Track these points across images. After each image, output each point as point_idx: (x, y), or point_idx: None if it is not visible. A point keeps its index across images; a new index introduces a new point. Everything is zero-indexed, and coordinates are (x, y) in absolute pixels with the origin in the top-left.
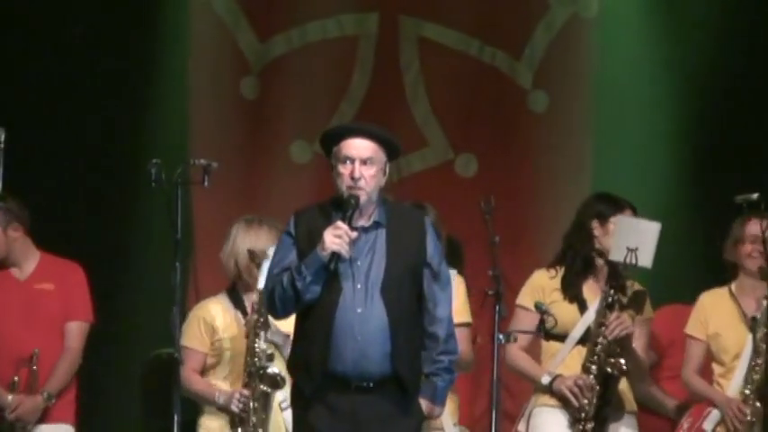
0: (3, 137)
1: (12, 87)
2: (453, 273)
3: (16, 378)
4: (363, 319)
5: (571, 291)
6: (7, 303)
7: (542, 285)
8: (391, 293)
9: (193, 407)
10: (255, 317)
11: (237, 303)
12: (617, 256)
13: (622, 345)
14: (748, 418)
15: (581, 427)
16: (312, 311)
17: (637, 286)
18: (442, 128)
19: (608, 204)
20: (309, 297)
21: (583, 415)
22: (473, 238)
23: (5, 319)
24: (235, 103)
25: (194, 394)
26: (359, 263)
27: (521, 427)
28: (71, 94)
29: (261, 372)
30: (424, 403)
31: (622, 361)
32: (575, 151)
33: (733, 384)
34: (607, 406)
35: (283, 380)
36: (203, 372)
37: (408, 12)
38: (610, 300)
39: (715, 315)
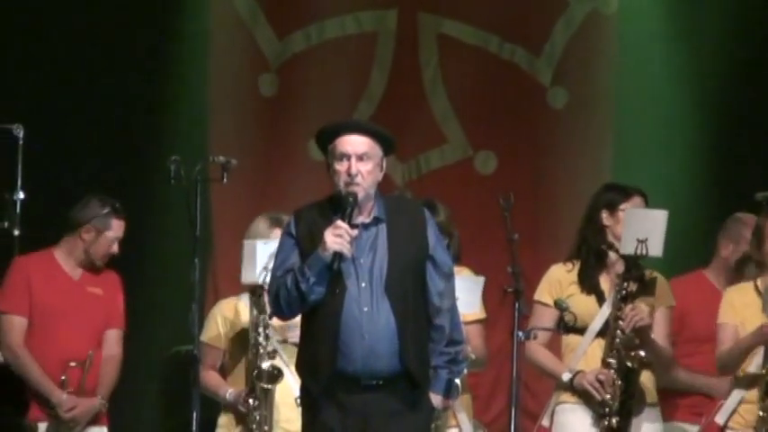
0: (22, 134)
1: (31, 84)
2: (465, 270)
3: (64, 377)
4: (370, 317)
5: (588, 284)
6: (62, 302)
7: (559, 279)
8: (396, 290)
9: (213, 404)
10: (256, 313)
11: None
12: (627, 248)
13: (641, 336)
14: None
15: (606, 422)
16: (318, 312)
17: (654, 274)
18: (461, 125)
19: (616, 193)
20: (314, 298)
21: (606, 410)
22: (492, 236)
23: (59, 317)
24: (253, 101)
25: (207, 390)
26: (362, 261)
27: (545, 421)
28: (90, 91)
29: (256, 370)
30: (434, 396)
31: (642, 353)
32: (594, 147)
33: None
34: (630, 399)
35: (280, 372)
36: (228, 370)
37: (427, 8)
38: (623, 292)
39: (742, 309)
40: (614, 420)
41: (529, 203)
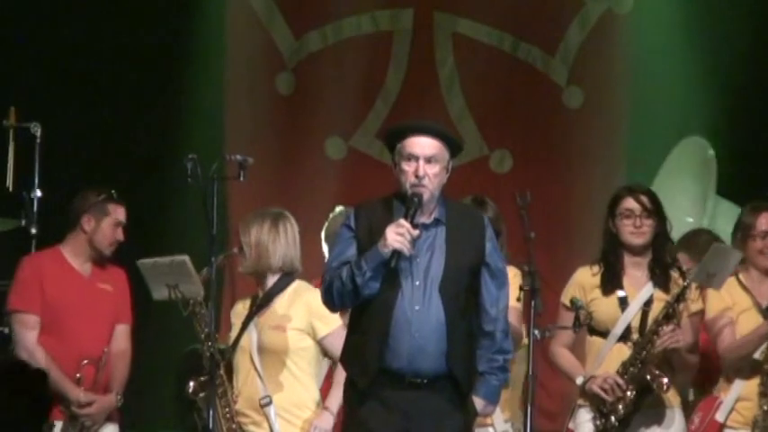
0: (39, 132)
1: (47, 83)
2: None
3: (79, 375)
4: (420, 316)
5: (610, 288)
6: (75, 299)
7: (582, 283)
8: (449, 291)
9: None
10: (201, 327)
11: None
12: (697, 278)
13: (668, 355)
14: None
15: (603, 420)
16: (370, 306)
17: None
18: (477, 124)
19: (613, 198)
20: (368, 292)
21: (608, 410)
22: (508, 234)
23: (72, 314)
24: (270, 99)
25: None
26: (418, 260)
27: (571, 425)
28: (107, 90)
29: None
30: (477, 401)
31: (665, 380)
32: (609, 146)
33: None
34: (636, 413)
35: (209, 379)
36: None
37: (443, 8)
38: (671, 310)
39: (732, 304)
40: (612, 423)
41: (544, 202)
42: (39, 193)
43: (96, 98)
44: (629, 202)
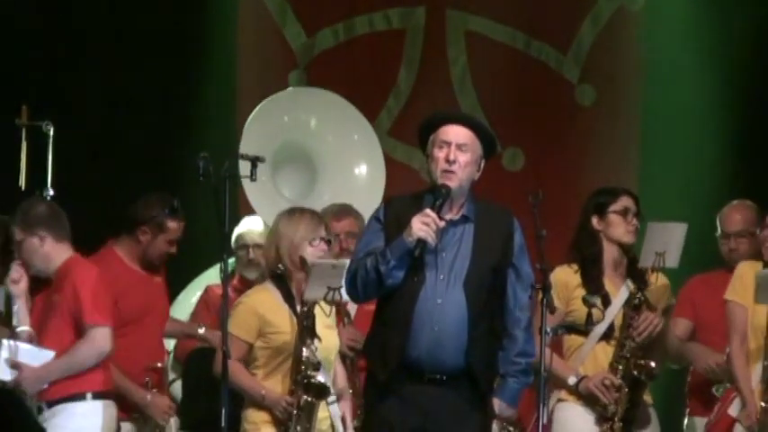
0: (51, 131)
1: (61, 83)
2: None
3: (147, 378)
4: (442, 309)
5: (593, 289)
6: (142, 303)
7: (566, 283)
8: (472, 287)
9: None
10: (304, 323)
11: (287, 296)
12: (646, 261)
13: (653, 342)
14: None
15: (608, 426)
16: (393, 298)
17: (662, 279)
18: (489, 122)
19: (604, 195)
20: (391, 282)
21: (610, 413)
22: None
23: (141, 320)
24: None
25: (237, 386)
26: (444, 254)
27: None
28: (119, 89)
29: (306, 381)
30: (495, 402)
31: (652, 364)
32: (622, 144)
33: (758, 369)
34: (635, 408)
35: (328, 390)
36: (249, 364)
37: (455, 5)
38: (636, 301)
39: (752, 290)
40: (617, 426)
41: (556, 200)
42: (51, 191)
43: (108, 97)
44: (627, 201)
